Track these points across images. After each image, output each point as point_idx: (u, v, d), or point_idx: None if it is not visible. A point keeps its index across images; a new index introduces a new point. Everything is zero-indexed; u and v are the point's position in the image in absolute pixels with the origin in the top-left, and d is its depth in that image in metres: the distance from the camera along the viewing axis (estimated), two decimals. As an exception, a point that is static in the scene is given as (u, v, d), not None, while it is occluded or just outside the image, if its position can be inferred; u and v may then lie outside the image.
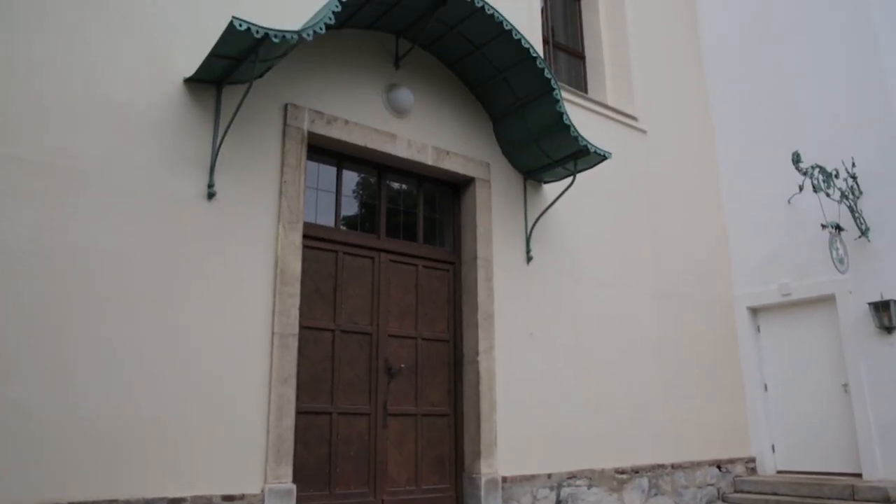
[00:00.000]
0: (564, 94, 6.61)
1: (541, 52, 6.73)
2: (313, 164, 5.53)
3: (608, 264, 7.21)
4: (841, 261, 7.24)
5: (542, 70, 5.73)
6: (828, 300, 7.79)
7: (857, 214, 7.46)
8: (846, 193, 7.47)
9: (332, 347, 5.36)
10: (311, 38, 4.38)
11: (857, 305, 7.47)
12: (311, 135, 5.29)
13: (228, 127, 4.64)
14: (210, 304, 4.53)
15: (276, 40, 4.20)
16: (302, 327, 5.08)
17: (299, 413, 4.95)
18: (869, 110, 7.67)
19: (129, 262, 4.26)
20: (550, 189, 6.70)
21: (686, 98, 8.96)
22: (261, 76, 4.90)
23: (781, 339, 8.30)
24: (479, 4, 5.36)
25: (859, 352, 7.40)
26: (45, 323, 3.91)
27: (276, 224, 4.95)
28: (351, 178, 5.87)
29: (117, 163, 4.34)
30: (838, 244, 7.31)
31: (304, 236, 5.17)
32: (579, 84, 8.34)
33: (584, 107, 7.43)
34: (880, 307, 7.20)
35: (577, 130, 5.90)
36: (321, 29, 4.42)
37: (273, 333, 4.76)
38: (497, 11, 5.46)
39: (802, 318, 8.11)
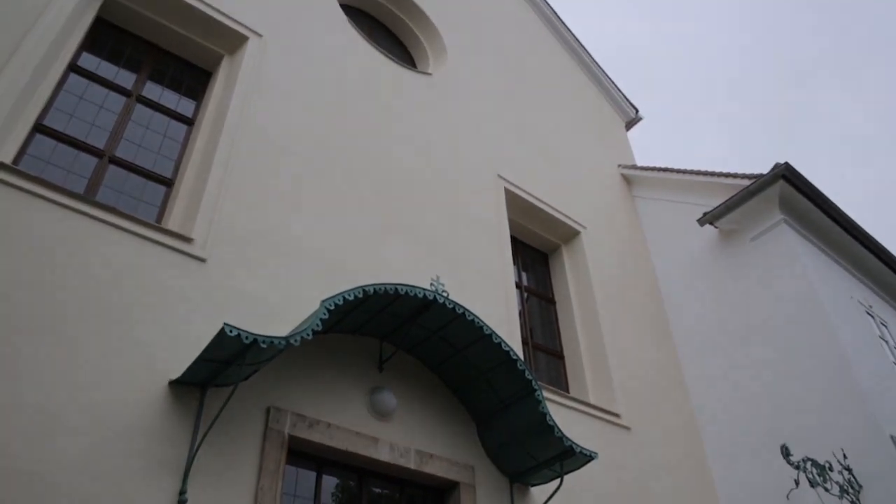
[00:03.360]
0: (546, 394, 6.69)
1: (521, 354, 6.97)
2: (292, 469, 5.33)
3: (608, 576, 6.62)
4: (861, 565, 6.71)
5: (523, 371, 5.87)
6: None
7: (862, 512, 7.11)
8: (845, 488, 7.16)
9: None
10: (298, 344, 4.55)
11: None
12: (293, 438, 5.19)
13: (208, 430, 4.58)
14: None
15: (263, 346, 4.36)
16: None
17: None
18: (845, 405, 7.70)
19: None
20: (538, 492, 6.42)
21: (666, 393, 9.06)
22: (246, 379, 4.97)
23: None
24: (460, 311, 5.68)
25: None
26: None
27: (249, 536, 4.62)
28: (330, 482, 5.63)
29: (87, 471, 4.17)
30: (853, 546, 6.84)
31: (278, 550, 4.80)
32: (560, 383, 8.49)
33: (566, 406, 7.46)
34: None
35: (560, 431, 5.86)
36: (308, 335, 4.62)
37: None
38: (477, 317, 5.77)
39: None
